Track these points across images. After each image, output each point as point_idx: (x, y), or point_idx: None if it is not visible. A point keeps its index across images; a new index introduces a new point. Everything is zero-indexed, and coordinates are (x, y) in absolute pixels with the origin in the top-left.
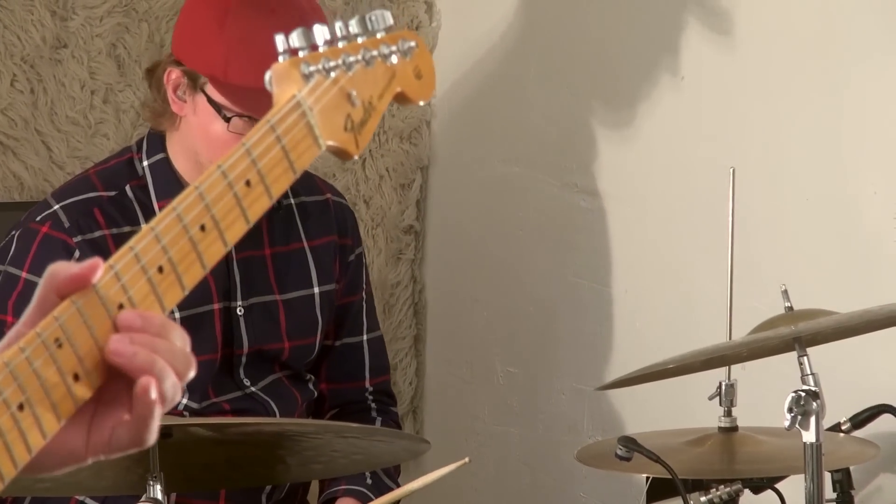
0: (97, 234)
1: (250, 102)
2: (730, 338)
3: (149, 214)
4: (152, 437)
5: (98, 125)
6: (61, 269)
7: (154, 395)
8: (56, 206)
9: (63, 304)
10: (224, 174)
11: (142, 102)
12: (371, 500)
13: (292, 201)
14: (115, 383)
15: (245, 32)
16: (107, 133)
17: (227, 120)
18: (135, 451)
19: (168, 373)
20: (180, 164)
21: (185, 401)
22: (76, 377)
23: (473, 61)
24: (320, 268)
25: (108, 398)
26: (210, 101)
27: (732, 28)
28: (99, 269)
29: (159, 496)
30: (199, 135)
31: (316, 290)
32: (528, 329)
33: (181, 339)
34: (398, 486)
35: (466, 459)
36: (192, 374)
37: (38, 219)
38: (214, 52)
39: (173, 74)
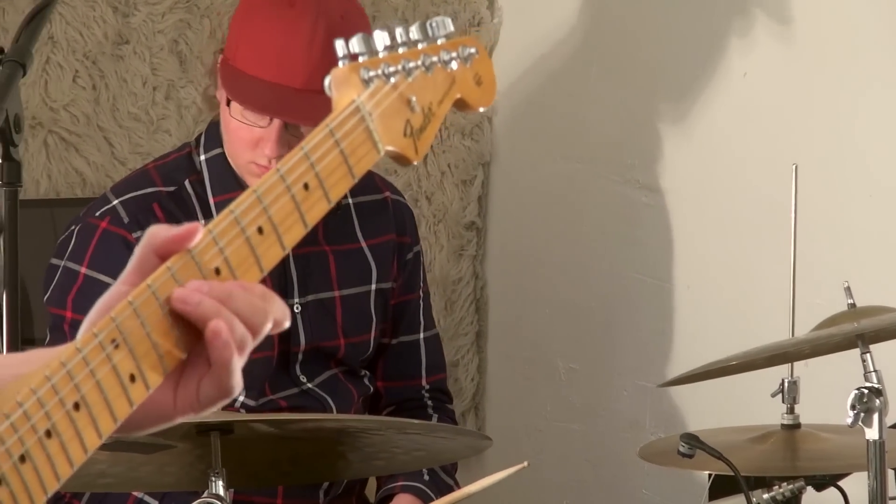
0: None
1: (242, 89)
2: (792, 335)
3: (206, 209)
4: (237, 385)
5: (160, 121)
6: (161, 230)
7: (226, 335)
8: (115, 202)
9: (121, 305)
10: (282, 177)
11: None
12: (428, 495)
13: (350, 201)
14: (196, 343)
15: (259, 20)
16: (168, 129)
17: (228, 103)
18: (223, 402)
19: (235, 320)
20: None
21: (241, 398)
22: (132, 378)
23: (535, 58)
24: (380, 265)
25: (192, 357)
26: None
27: (794, 24)
28: (198, 233)
29: (221, 492)
30: (222, 120)
31: (372, 286)
32: (589, 325)
33: (261, 295)
34: (455, 481)
35: (525, 464)
36: (268, 327)
37: (97, 214)
38: (233, 33)
39: (221, 58)
